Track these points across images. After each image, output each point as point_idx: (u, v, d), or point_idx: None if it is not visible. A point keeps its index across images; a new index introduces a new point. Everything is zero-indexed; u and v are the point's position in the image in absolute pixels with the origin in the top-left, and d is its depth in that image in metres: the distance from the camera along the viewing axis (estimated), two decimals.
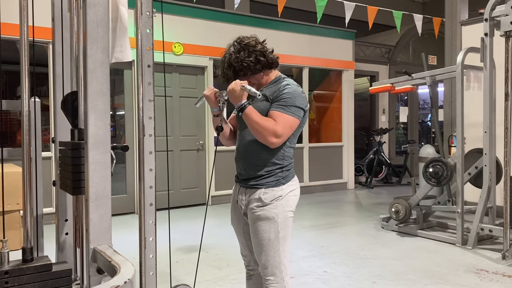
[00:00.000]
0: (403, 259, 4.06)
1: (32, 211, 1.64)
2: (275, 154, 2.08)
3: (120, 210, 5.97)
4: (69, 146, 1.67)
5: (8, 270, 1.44)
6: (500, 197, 4.46)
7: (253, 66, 2.07)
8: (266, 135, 1.98)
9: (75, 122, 1.75)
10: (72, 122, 1.77)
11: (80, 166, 1.59)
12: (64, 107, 1.79)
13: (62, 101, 1.81)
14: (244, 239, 2.27)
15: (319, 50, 7.98)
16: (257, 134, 2.01)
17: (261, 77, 2.15)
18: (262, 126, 1.98)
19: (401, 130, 10.93)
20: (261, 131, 1.98)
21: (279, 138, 1.99)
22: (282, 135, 2.00)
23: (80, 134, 1.69)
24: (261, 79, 2.15)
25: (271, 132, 1.97)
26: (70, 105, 1.75)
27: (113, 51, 2.05)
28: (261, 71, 2.12)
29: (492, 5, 4.12)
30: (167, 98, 6.36)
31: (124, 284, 1.12)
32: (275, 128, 1.98)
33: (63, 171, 1.75)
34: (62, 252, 2.00)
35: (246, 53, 2.07)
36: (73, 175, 1.61)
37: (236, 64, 2.07)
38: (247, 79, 2.10)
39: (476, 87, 4.97)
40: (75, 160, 1.61)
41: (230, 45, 2.15)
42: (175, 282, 3.13)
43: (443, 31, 7.06)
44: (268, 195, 2.06)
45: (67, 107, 1.77)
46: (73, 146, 1.63)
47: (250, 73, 2.10)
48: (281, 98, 2.03)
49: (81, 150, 1.57)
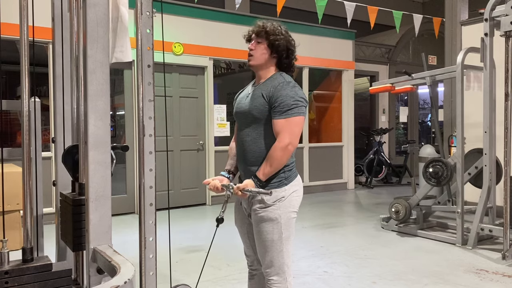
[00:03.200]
0: (403, 259, 4.06)
1: (32, 211, 1.64)
2: None
3: (120, 210, 5.97)
4: (69, 201, 1.67)
5: (8, 270, 1.44)
6: (500, 197, 4.46)
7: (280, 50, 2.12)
8: (283, 156, 2.03)
9: (75, 175, 1.76)
10: (73, 175, 1.77)
11: (81, 222, 1.59)
12: (64, 160, 1.79)
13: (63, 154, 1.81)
14: (248, 240, 2.27)
15: (319, 50, 7.97)
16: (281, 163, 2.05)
17: (265, 59, 2.14)
18: (276, 158, 2.02)
19: (401, 130, 10.93)
20: (279, 161, 2.03)
21: (290, 145, 2.02)
22: (291, 141, 2.03)
23: (81, 189, 1.69)
24: (264, 60, 2.14)
25: (283, 150, 2.01)
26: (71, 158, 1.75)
27: (113, 51, 2.05)
28: (272, 55, 2.13)
29: (492, 5, 4.12)
30: (167, 98, 6.36)
31: (124, 284, 1.11)
32: (283, 143, 2.01)
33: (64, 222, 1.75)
34: (62, 252, 2.00)
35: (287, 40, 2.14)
36: (74, 231, 1.61)
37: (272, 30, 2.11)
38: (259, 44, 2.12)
39: (476, 87, 4.97)
40: (76, 217, 1.61)
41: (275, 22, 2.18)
42: (175, 282, 3.13)
43: (443, 31, 7.06)
44: (271, 196, 2.06)
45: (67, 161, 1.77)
46: (74, 203, 1.63)
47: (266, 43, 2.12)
48: (279, 102, 2.03)
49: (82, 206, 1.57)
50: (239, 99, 2.26)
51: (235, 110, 2.25)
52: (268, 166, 2.02)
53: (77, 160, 1.74)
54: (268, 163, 2.02)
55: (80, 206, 1.60)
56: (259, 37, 2.13)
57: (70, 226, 1.63)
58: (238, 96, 2.30)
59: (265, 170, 2.03)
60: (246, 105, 2.15)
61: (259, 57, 2.14)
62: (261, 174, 2.03)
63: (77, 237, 1.60)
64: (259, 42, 2.13)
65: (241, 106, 2.19)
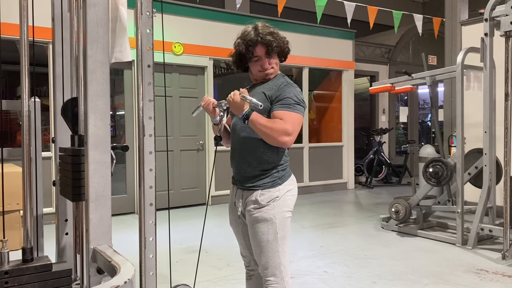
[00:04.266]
0: (403, 259, 4.06)
1: (32, 211, 1.64)
2: (270, 152, 2.08)
3: (120, 210, 5.97)
4: (69, 152, 1.66)
5: (8, 270, 1.44)
6: (500, 197, 4.46)
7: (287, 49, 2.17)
8: (277, 136, 1.96)
9: (75, 128, 1.75)
10: (72, 128, 1.76)
11: (80, 173, 1.58)
12: (64, 113, 1.79)
13: (62, 107, 1.81)
14: (243, 240, 2.27)
15: (319, 50, 7.97)
16: (267, 137, 1.99)
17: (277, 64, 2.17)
18: (271, 128, 1.96)
19: (401, 130, 10.93)
20: (270, 133, 1.96)
21: (290, 135, 1.98)
22: (292, 133, 1.99)
23: (80, 140, 1.68)
24: (277, 67, 2.18)
25: (282, 132, 1.96)
26: (70, 111, 1.75)
27: (113, 51, 2.05)
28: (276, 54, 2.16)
29: (492, 5, 4.12)
30: (167, 98, 6.36)
31: (124, 284, 1.11)
32: (284, 127, 1.96)
33: (63, 177, 1.74)
34: (62, 252, 2.00)
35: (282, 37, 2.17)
36: (73, 181, 1.61)
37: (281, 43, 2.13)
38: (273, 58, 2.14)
39: (476, 87, 4.97)
40: (75, 167, 1.61)
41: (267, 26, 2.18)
42: (175, 282, 3.13)
43: (443, 31, 7.06)
44: (265, 197, 2.06)
45: (67, 113, 1.76)
46: (73, 153, 1.63)
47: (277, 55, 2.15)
48: (283, 97, 2.03)
49: (81, 156, 1.56)
50: None
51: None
52: (265, 121, 1.98)
53: (76, 113, 1.73)
54: (266, 120, 1.98)
55: (79, 156, 1.59)
56: (272, 54, 2.13)
57: (70, 177, 1.62)
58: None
59: (259, 119, 1.98)
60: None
61: (275, 69, 2.18)
62: (255, 116, 1.98)
63: (76, 187, 1.60)
64: (272, 58, 2.14)
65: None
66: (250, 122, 1.99)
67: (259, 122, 1.98)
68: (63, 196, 1.80)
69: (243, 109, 2.00)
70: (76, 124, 1.74)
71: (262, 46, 2.09)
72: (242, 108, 2.00)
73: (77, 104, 1.73)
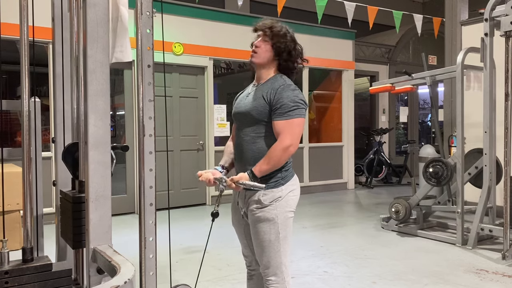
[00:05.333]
0: (403, 259, 4.06)
1: (32, 211, 1.64)
2: None
3: (120, 210, 5.97)
4: (69, 199, 1.67)
5: (8, 270, 1.44)
6: (500, 197, 4.46)
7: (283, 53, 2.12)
8: (281, 158, 2.01)
9: (75, 173, 1.75)
10: (73, 173, 1.77)
11: (81, 220, 1.59)
12: (64, 158, 1.79)
13: (63, 152, 1.81)
14: (245, 240, 2.27)
15: (319, 50, 7.97)
16: (278, 165, 2.03)
17: (268, 58, 2.14)
18: (273, 159, 2.00)
19: (401, 130, 10.93)
20: (277, 163, 2.02)
21: (291, 146, 2.01)
22: (292, 142, 2.02)
23: (81, 186, 1.69)
24: (266, 60, 2.14)
25: (282, 151, 2.00)
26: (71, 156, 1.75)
27: (113, 51, 2.05)
28: (275, 57, 2.14)
29: (492, 5, 4.12)
30: (167, 98, 6.36)
31: (124, 284, 1.11)
32: (282, 145, 2.00)
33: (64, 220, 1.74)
34: (62, 252, 2.00)
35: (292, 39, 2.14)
36: (74, 229, 1.61)
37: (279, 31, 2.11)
38: (264, 43, 2.12)
39: (476, 87, 4.97)
40: (76, 214, 1.61)
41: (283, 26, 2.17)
42: (175, 282, 3.13)
43: (443, 31, 7.06)
44: (268, 197, 2.06)
45: (67, 158, 1.77)
46: (74, 200, 1.63)
47: (271, 43, 2.12)
48: (280, 104, 2.03)
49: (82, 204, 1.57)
50: (239, 99, 2.27)
51: (234, 111, 2.25)
52: (266, 164, 2.01)
53: (77, 158, 1.74)
54: (266, 161, 2.02)
55: (80, 203, 1.60)
56: (266, 36, 2.12)
57: (70, 224, 1.62)
58: (238, 96, 2.31)
59: (262, 167, 2.01)
60: (246, 105, 2.15)
61: (262, 55, 2.13)
62: (257, 170, 2.01)
63: (77, 235, 1.60)
64: (265, 41, 2.12)
65: (241, 106, 2.20)
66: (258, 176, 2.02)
67: (263, 170, 2.02)
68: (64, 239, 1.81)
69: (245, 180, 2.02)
70: (76, 169, 1.75)
71: (264, 27, 2.13)
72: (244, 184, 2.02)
73: (77, 149, 1.74)
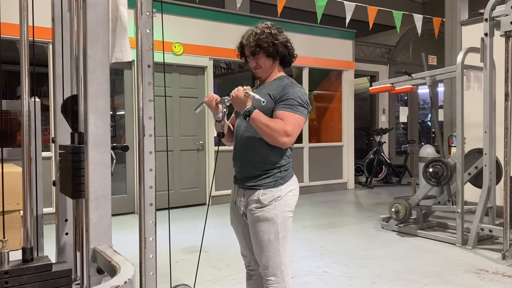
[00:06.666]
0: (403, 259, 4.06)
1: (32, 211, 1.64)
2: (273, 153, 2.08)
3: (120, 210, 5.97)
4: (69, 149, 1.66)
5: (8, 270, 1.44)
6: (500, 197, 4.46)
7: (272, 49, 2.10)
8: (277, 136, 1.97)
9: (75, 125, 1.75)
10: (72, 125, 1.76)
11: (80, 170, 1.58)
12: (64, 110, 1.78)
13: (62, 105, 1.80)
14: (244, 240, 2.27)
15: (319, 50, 7.97)
16: (267, 136, 2.00)
17: (270, 65, 2.15)
18: (272, 127, 1.97)
19: (401, 130, 10.93)
20: (271, 133, 1.97)
21: (290, 137, 1.99)
22: (292, 134, 1.99)
23: (80, 138, 1.68)
24: (269, 67, 2.15)
25: (282, 132, 1.97)
26: (70, 109, 1.75)
27: (113, 51, 2.05)
28: (275, 59, 2.14)
29: (492, 5, 4.12)
30: (167, 98, 6.36)
31: (124, 284, 1.11)
32: (285, 127, 1.97)
33: (63, 175, 1.74)
34: (62, 252, 2.00)
35: (275, 36, 2.11)
36: (73, 179, 1.60)
37: (262, 42, 2.09)
38: (259, 58, 2.12)
39: (476, 87, 4.97)
40: (75, 164, 1.60)
41: (258, 27, 2.16)
42: (175, 282, 3.13)
43: (443, 31, 7.05)
44: (267, 196, 2.06)
45: (67, 111, 1.76)
46: (73, 150, 1.63)
47: (265, 54, 2.11)
48: (286, 98, 2.04)
49: (81, 154, 1.56)
50: None
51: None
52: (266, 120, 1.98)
53: (76, 110, 1.73)
54: (267, 120, 1.98)
55: (79, 154, 1.59)
56: (256, 55, 2.13)
57: (70, 175, 1.62)
58: None
59: (261, 118, 1.98)
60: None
61: (266, 69, 2.16)
62: (257, 113, 1.98)
63: (76, 184, 1.60)
64: (259, 56, 2.13)
65: None
66: (251, 119, 2.00)
67: (260, 120, 1.98)
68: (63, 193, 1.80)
69: (246, 105, 2.00)
70: (76, 121, 1.74)
71: (247, 47, 2.14)
72: (245, 105, 2.00)
73: (77, 102, 1.73)
